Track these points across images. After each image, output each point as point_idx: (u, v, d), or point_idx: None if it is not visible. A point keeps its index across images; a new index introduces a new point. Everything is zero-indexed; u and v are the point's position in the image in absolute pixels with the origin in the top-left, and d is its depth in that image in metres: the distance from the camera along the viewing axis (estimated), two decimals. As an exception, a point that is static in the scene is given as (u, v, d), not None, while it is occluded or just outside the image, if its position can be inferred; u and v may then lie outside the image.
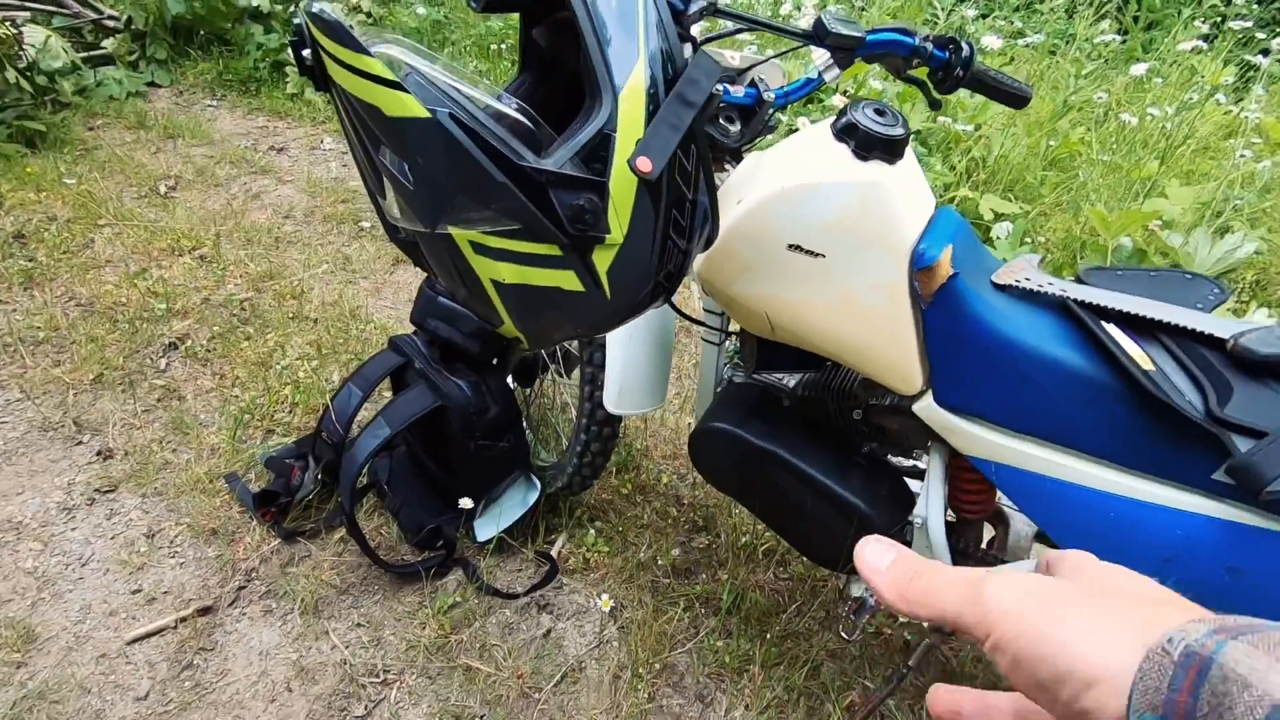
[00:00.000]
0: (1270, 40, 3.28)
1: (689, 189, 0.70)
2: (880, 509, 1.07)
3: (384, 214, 0.73)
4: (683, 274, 0.76)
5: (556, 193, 0.62)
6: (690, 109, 0.65)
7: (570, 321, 0.74)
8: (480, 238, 0.65)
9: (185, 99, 3.86)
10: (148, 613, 1.42)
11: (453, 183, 0.62)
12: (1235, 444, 0.72)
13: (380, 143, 0.64)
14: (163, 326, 2.14)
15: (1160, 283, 0.91)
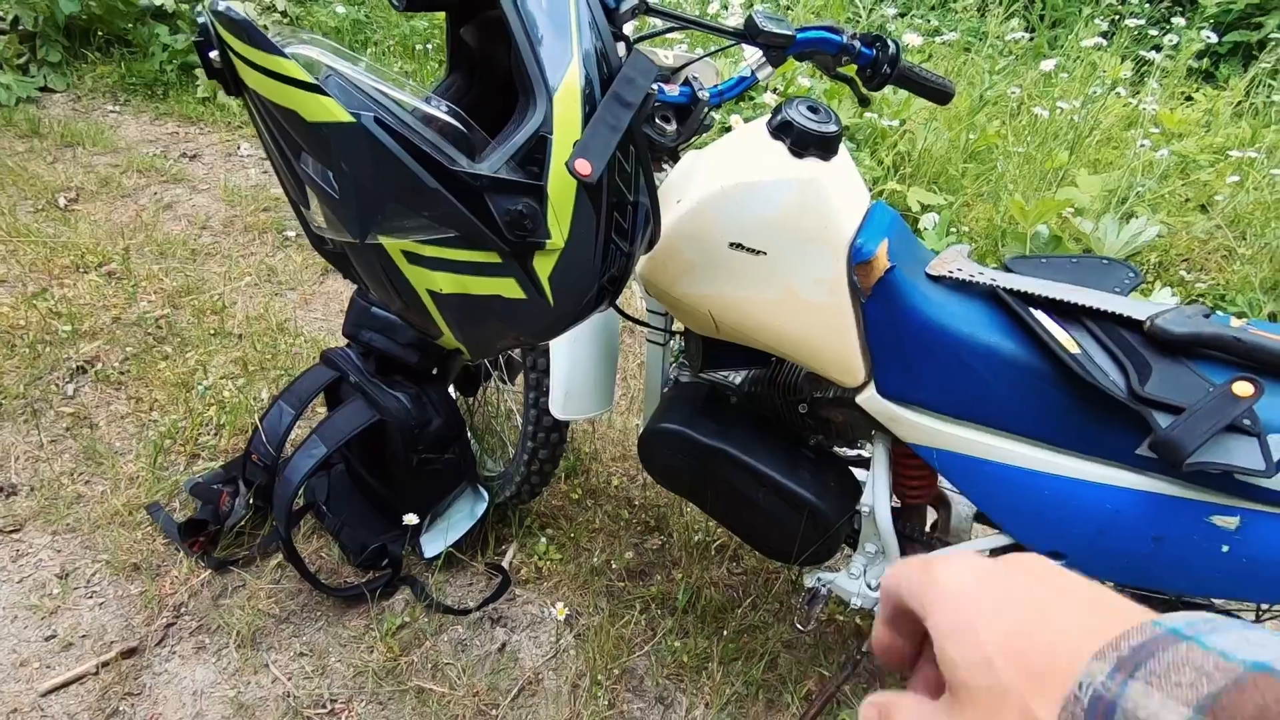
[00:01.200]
0: (1161, 37, 3.51)
1: (630, 191, 0.69)
2: (829, 500, 1.09)
3: (308, 225, 0.69)
4: (626, 277, 0.75)
5: (493, 198, 0.60)
6: (628, 109, 0.63)
7: (513, 330, 0.72)
8: (414, 247, 0.62)
9: (84, 104, 3.61)
10: (64, 660, 1.32)
11: (381, 190, 0.59)
12: (1156, 420, 0.75)
13: (301, 150, 0.60)
14: (69, 349, 1.99)
15: (1081, 269, 0.95)
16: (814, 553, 1.12)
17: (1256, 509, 0.80)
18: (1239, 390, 0.74)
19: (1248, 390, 0.74)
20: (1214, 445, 0.73)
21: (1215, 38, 3.56)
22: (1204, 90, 4.00)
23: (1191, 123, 3.40)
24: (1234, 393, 0.74)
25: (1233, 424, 0.73)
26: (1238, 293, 2.41)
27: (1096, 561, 0.90)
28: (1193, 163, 3.07)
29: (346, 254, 0.69)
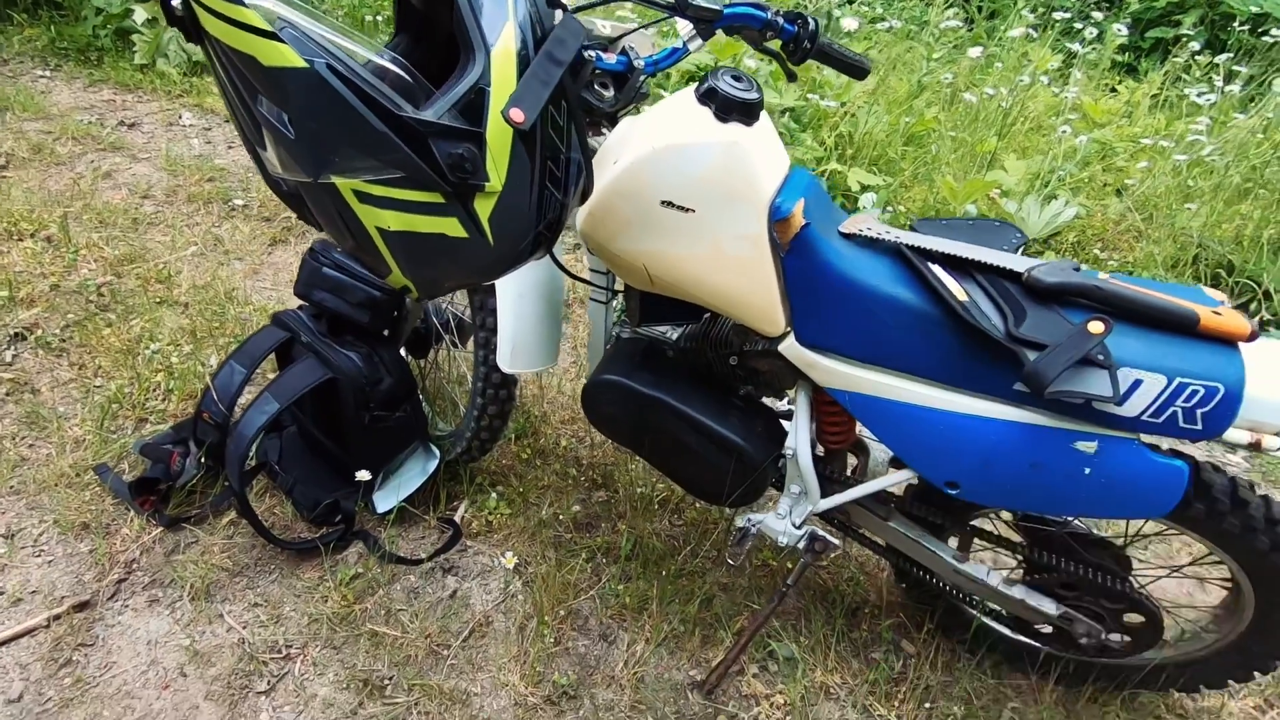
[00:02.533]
0: (1084, 31, 3.71)
1: (563, 143, 0.76)
2: (756, 444, 1.18)
3: (264, 167, 0.74)
4: (562, 225, 0.82)
5: (436, 142, 0.66)
6: (559, 66, 0.70)
7: (457, 268, 0.79)
8: (364, 186, 0.68)
9: (11, 68, 3.46)
10: (14, 614, 1.33)
11: (333, 133, 0.65)
12: (1026, 356, 0.87)
13: (258, 93, 0.66)
14: (5, 316, 1.96)
15: (977, 230, 1.06)
16: (742, 493, 1.21)
17: (1110, 434, 0.92)
18: (1092, 328, 0.86)
19: (1099, 328, 0.86)
20: (1072, 376, 0.84)
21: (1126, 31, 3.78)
22: (1126, 83, 4.24)
23: (1113, 113, 3.61)
24: (1088, 330, 0.86)
25: (1088, 358, 0.85)
26: (1143, 269, 2.60)
27: (985, 490, 1.02)
28: (1111, 150, 3.28)
29: (301, 194, 0.74)
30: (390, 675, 1.31)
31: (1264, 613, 1.11)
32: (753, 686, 1.34)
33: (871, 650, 1.42)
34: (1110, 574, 1.15)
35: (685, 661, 1.38)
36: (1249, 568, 1.07)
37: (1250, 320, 0.87)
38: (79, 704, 1.22)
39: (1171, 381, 0.86)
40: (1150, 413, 0.88)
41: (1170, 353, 0.86)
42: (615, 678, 1.34)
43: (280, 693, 1.27)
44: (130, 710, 1.22)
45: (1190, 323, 0.87)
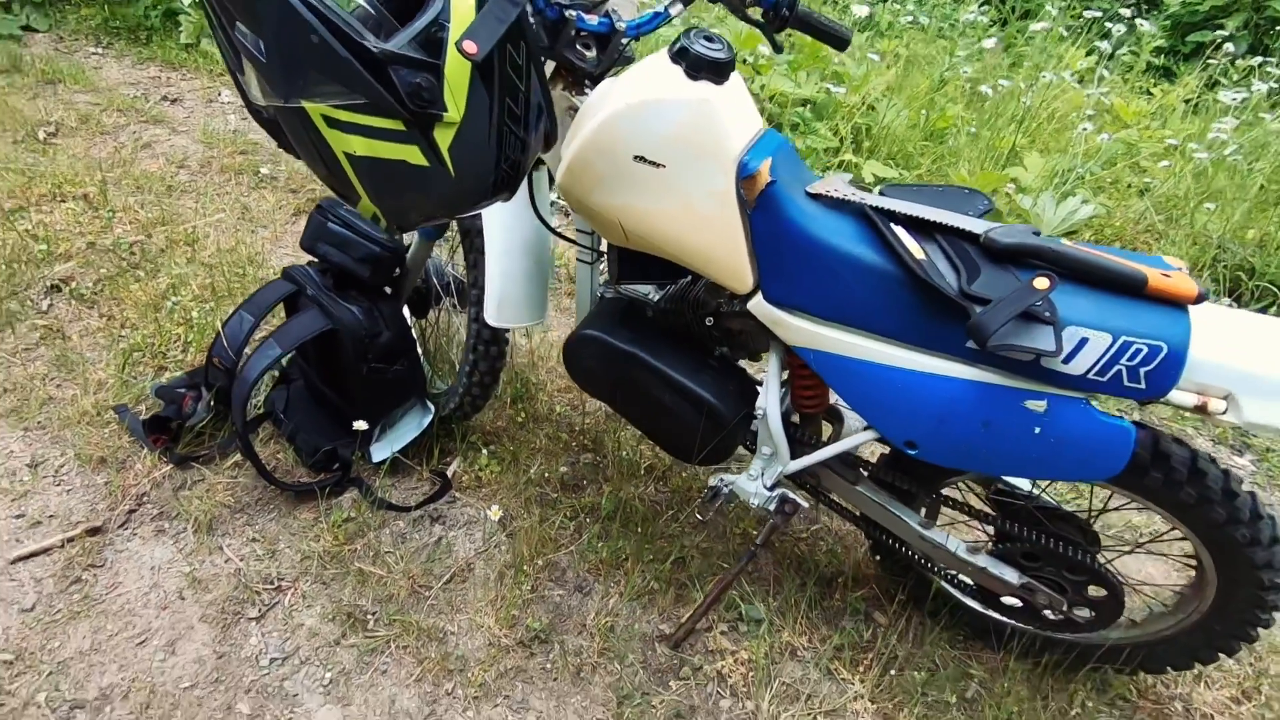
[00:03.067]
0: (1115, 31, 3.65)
1: (522, 83, 0.81)
2: (728, 403, 1.22)
3: (245, 94, 0.81)
4: (525, 165, 0.87)
5: (396, 71, 0.72)
6: (515, 6, 0.75)
7: (421, 198, 0.84)
8: (331, 111, 0.74)
9: (66, 45, 3.65)
10: (33, 535, 1.43)
11: (301, 58, 0.71)
12: (974, 310, 0.89)
13: (234, 19, 0.72)
14: (44, 269, 2.09)
15: (945, 195, 1.08)
16: (712, 451, 1.25)
17: (1059, 394, 0.94)
18: (1037, 284, 0.88)
19: (1044, 284, 0.88)
20: (1016, 330, 0.87)
21: (1150, 28, 3.72)
22: (1162, 86, 4.16)
23: (1144, 115, 3.55)
24: (1033, 285, 0.88)
25: (1034, 314, 0.87)
26: (1159, 269, 2.56)
27: (942, 449, 1.04)
28: (1137, 150, 3.22)
29: (278, 120, 0.81)
30: (373, 611, 1.37)
31: (1225, 591, 1.11)
32: (718, 642, 1.38)
33: (842, 619, 1.44)
34: (1072, 545, 1.17)
35: (656, 616, 1.42)
36: (1209, 542, 1.08)
37: (1198, 283, 0.88)
38: (85, 617, 1.31)
39: (1116, 340, 0.87)
40: (1096, 370, 0.89)
41: (1116, 312, 0.88)
42: (586, 626, 1.38)
43: (270, 620, 1.35)
44: (131, 625, 1.31)
45: (1138, 284, 0.88)
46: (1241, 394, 0.87)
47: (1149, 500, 1.08)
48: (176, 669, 1.25)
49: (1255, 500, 1.04)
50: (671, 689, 1.30)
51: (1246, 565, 1.06)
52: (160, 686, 1.22)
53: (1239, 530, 1.03)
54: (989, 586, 1.25)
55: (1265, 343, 0.89)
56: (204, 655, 1.28)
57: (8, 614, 1.30)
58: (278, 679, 1.26)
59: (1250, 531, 1.03)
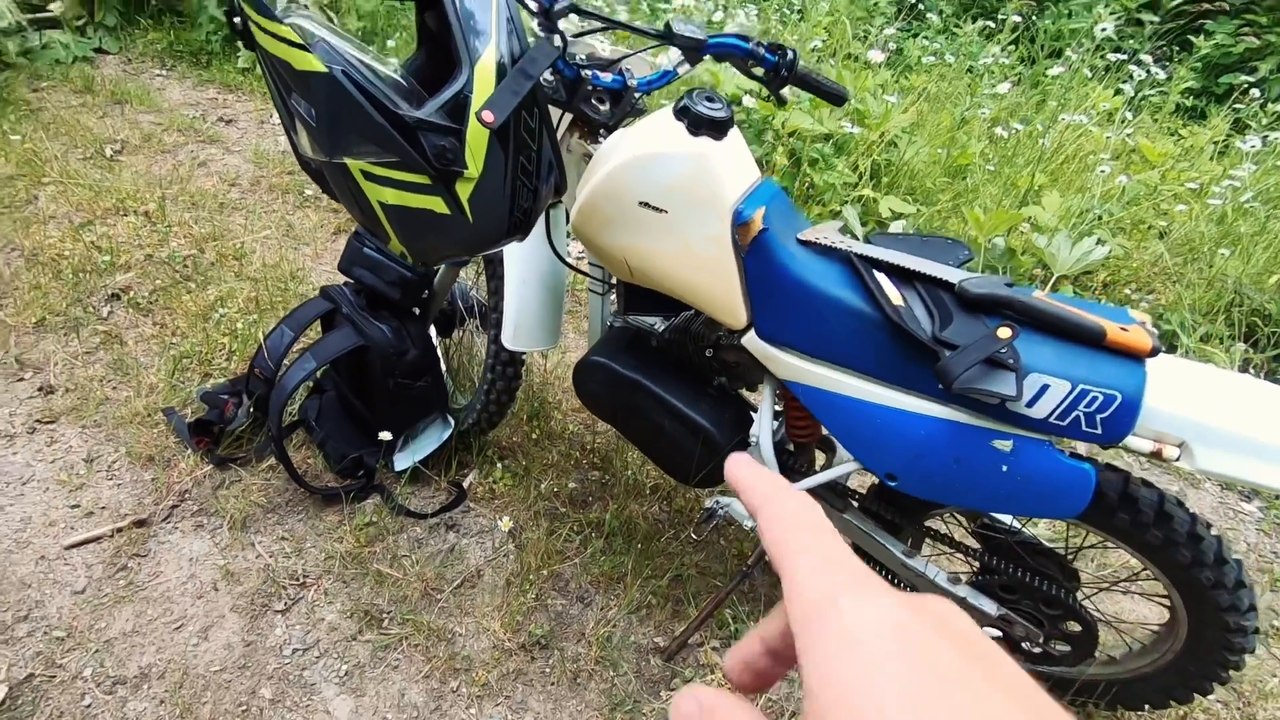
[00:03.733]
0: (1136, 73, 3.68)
1: (534, 142, 0.91)
2: (723, 430, 1.30)
3: (296, 148, 0.93)
4: (536, 212, 0.97)
5: (425, 136, 0.83)
6: (529, 80, 0.86)
7: (443, 240, 0.95)
8: (369, 167, 0.85)
9: (134, 67, 3.91)
10: (85, 524, 1.57)
11: (345, 122, 0.82)
12: (943, 354, 0.97)
13: (291, 89, 0.84)
14: (106, 278, 2.26)
15: (927, 245, 1.16)
16: (707, 474, 1.33)
17: (1024, 435, 1.00)
18: (1001, 333, 0.95)
19: (1006, 333, 0.95)
20: (981, 375, 0.94)
21: (1163, 75, 3.75)
22: (1191, 128, 4.16)
23: (1171, 157, 3.57)
24: (996, 334, 0.95)
25: (997, 360, 0.94)
26: (1172, 312, 2.58)
27: (919, 482, 1.11)
28: (1159, 193, 3.24)
29: (323, 172, 0.92)
30: (388, 610, 1.47)
31: (1195, 632, 1.16)
32: (710, 657, 1.45)
33: (831, 641, 1.50)
34: (1049, 580, 1.22)
35: (652, 629, 1.49)
36: (1177, 583, 1.13)
37: (1154, 337, 0.94)
38: (129, 602, 1.43)
39: (1075, 387, 0.94)
40: (1056, 415, 0.96)
41: (1076, 361, 0.95)
42: (585, 635, 1.47)
43: (294, 613, 1.45)
44: (169, 612, 1.43)
45: (1097, 336, 0.95)
46: (1194, 442, 0.93)
47: (1119, 539, 1.13)
48: (208, 654, 1.36)
49: (1220, 544, 1.09)
50: (662, 699, 1.38)
51: (1213, 607, 1.10)
52: (193, 669, 1.34)
53: (1204, 573, 1.08)
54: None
55: (1218, 395, 0.95)
56: (233, 642, 1.39)
57: (61, 595, 1.43)
58: (298, 668, 1.36)
59: (1214, 574, 1.08)
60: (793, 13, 4.61)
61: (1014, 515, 1.15)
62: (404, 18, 4.37)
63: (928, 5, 5.35)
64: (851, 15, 4.47)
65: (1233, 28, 5.10)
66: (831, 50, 4.05)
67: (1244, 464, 0.91)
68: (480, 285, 1.87)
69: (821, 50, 4.02)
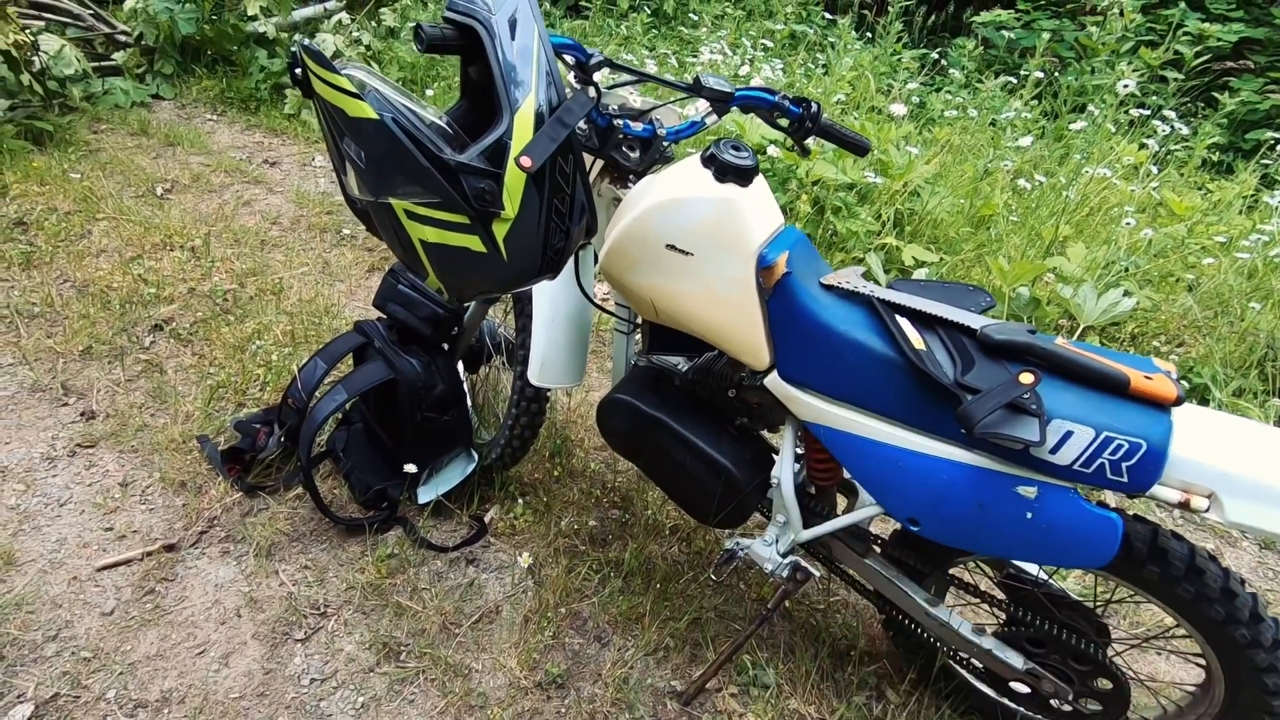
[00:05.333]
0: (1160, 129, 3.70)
1: (568, 186, 0.96)
2: (744, 470, 1.31)
3: (345, 189, 0.98)
4: (568, 252, 1.01)
5: (466, 178, 0.88)
6: (565, 128, 0.91)
7: (478, 277, 0.99)
8: (412, 207, 0.90)
9: (187, 112, 4.12)
10: (118, 547, 1.60)
11: (392, 165, 0.87)
12: (965, 400, 0.97)
13: (344, 134, 0.90)
14: (151, 310, 2.35)
15: (949, 291, 1.18)
16: (728, 515, 1.34)
17: (1049, 482, 1.00)
18: (1023, 378, 0.96)
19: (1029, 379, 0.95)
20: (1003, 420, 0.94)
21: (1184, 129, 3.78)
22: (1218, 182, 4.16)
23: (1198, 210, 3.56)
24: (1019, 380, 0.96)
25: (1019, 405, 0.95)
26: (1204, 365, 2.55)
27: (941, 527, 1.10)
28: (1186, 246, 3.23)
29: (369, 211, 0.98)
30: (407, 643, 1.48)
31: (1232, 693, 1.12)
32: (728, 704, 1.42)
33: (853, 693, 1.47)
34: (1078, 634, 1.19)
35: (670, 672, 1.48)
36: (1211, 640, 1.09)
37: (1179, 386, 0.94)
38: (154, 625, 1.45)
39: (1099, 435, 0.94)
40: (1081, 462, 0.96)
41: (1100, 409, 0.95)
42: (602, 676, 1.45)
43: (314, 643, 1.46)
44: (192, 637, 1.44)
45: (1121, 384, 0.95)
46: (1223, 494, 0.92)
47: (1149, 593, 1.11)
48: (228, 680, 1.37)
49: (1256, 601, 1.06)
50: (678, 744, 1.35)
51: (1249, 667, 1.07)
52: (213, 695, 1.35)
53: (1238, 630, 1.05)
54: (995, 669, 1.27)
55: (1248, 445, 0.94)
56: (253, 670, 1.40)
57: (90, 616, 1.45)
58: (315, 698, 1.36)
59: (1250, 632, 1.05)
60: (817, 67, 4.74)
61: (1039, 564, 1.13)
62: (441, 69, 4.57)
63: (950, 61, 5.47)
64: (875, 70, 4.58)
65: (1258, 85, 5.14)
66: (855, 103, 4.14)
67: (1276, 516, 0.90)
68: (508, 323, 1.92)
69: (845, 103, 4.12)
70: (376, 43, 4.59)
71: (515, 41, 0.90)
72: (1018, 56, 5.67)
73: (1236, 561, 1.98)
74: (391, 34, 4.83)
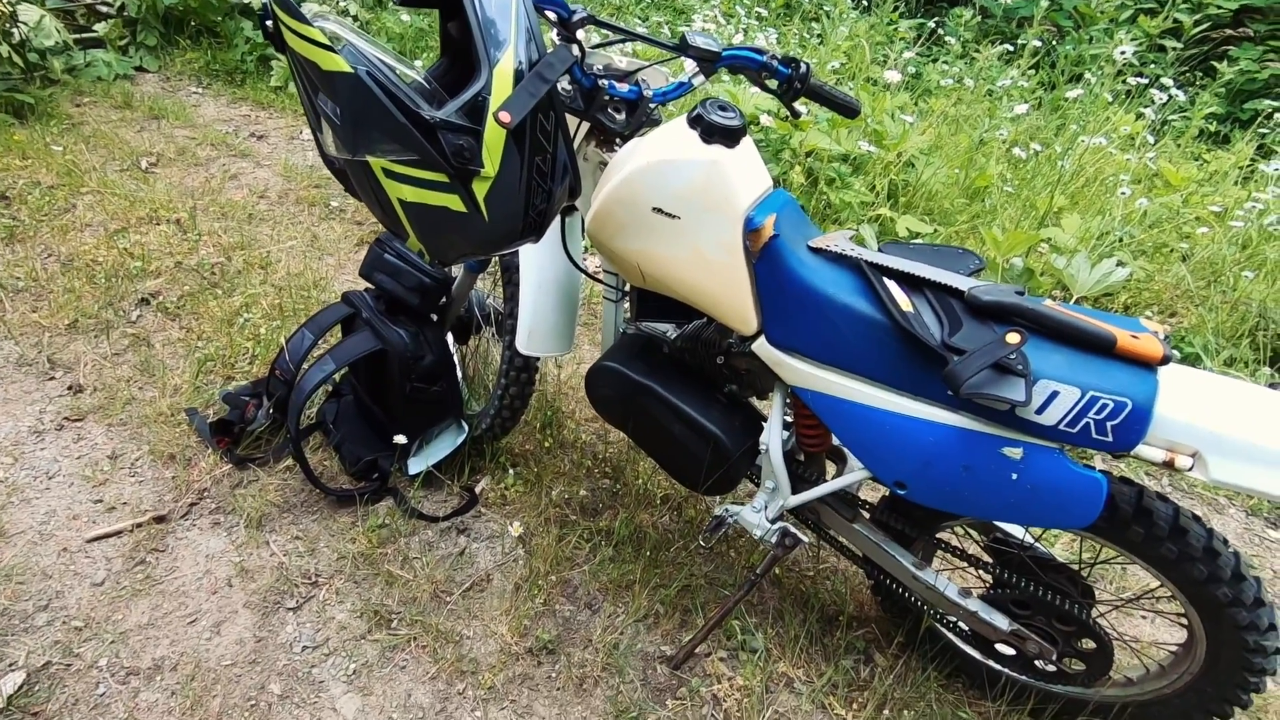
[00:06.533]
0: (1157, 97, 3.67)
1: (549, 144, 0.94)
2: (733, 436, 1.31)
3: (321, 147, 0.96)
4: (551, 213, 1.00)
5: (444, 135, 0.86)
6: (545, 83, 0.89)
7: (459, 238, 0.97)
8: (389, 165, 0.89)
9: (171, 85, 4.05)
10: (107, 518, 1.60)
11: (368, 121, 0.85)
12: (952, 361, 0.97)
13: (318, 89, 0.87)
14: (137, 284, 2.33)
15: (939, 254, 1.16)
16: (717, 481, 1.34)
17: (1034, 443, 1.00)
18: (1009, 338, 0.95)
19: (1015, 339, 0.95)
20: (989, 380, 0.94)
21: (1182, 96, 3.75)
22: (1215, 153, 4.13)
23: (1194, 181, 3.54)
24: (1005, 340, 0.95)
25: (1005, 365, 0.94)
26: (1195, 335, 2.55)
27: (928, 490, 1.10)
28: (1181, 216, 3.22)
29: (346, 170, 0.96)
30: (398, 611, 1.48)
31: (1213, 652, 1.13)
32: (717, 667, 1.44)
33: (841, 656, 1.49)
34: (1063, 596, 1.20)
35: (659, 637, 1.49)
36: (1193, 600, 1.10)
37: (1165, 345, 0.94)
38: (145, 595, 1.46)
39: (1085, 394, 0.94)
40: (1066, 422, 0.95)
41: (1085, 368, 0.95)
42: (592, 642, 1.46)
43: (305, 611, 1.47)
44: (184, 606, 1.45)
45: (1108, 343, 0.95)
46: (1208, 453, 0.92)
47: (1134, 554, 1.11)
48: (220, 648, 1.38)
49: (1239, 560, 1.07)
50: (668, 707, 1.37)
51: (1231, 625, 1.08)
52: (204, 662, 1.35)
53: (1220, 589, 1.06)
54: (980, 631, 1.28)
55: (1232, 405, 0.94)
56: (245, 638, 1.40)
57: (81, 586, 1.45)
58: (307, 665, 1.37)
59: (1232, 591, 1.06)
60: (812, 36, 4.67)
61: (1025, 525, 1.13)
62: (430, 39, 4.49)
63: (948, 30, 5.39)
64: (871, 40, 4.51)
65: (1258, 54, 5.08)
66: (851, 73, 4.09)
67: (1259, 474, 0.90)
68: (497, 294, 1.90)
69: (840, 72, 4.06)
70: (364, 13, 4.50)
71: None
72: (1015, 25, 5.59)
73: (1223, 527, 2.00)
74: (379, 3, 4.74)
